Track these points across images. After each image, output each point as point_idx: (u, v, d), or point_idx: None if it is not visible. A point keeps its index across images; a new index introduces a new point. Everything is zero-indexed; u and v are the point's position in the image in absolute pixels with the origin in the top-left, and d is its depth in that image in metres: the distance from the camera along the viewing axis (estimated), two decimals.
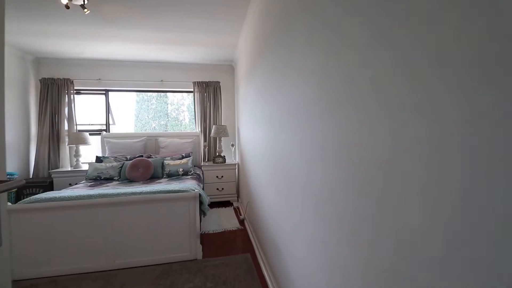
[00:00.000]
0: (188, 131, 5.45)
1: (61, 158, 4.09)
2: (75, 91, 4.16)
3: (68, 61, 4.11)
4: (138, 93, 6.27)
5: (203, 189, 3.62)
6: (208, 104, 4.49)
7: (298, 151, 1.27)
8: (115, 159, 3.65)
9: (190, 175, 3.45)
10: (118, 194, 2.23)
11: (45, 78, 4.01)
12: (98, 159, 3.63)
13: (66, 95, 4.08)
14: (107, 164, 3.42)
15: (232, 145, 4.34)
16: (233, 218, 3.32)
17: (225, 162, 4.11)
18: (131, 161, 3.39)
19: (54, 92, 4.03)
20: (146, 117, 7.49)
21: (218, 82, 4.52)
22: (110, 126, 4.49)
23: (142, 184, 3.04)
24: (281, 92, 1.53)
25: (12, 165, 3.61)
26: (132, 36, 3.20)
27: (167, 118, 7.79)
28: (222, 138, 4.30)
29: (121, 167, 3.41)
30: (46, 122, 3.99)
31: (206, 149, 4.39)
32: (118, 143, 3.96)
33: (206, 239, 2.70)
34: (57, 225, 2.08)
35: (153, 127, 7.62)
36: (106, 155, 3.93)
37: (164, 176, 3.43)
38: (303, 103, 1.17)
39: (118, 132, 4.39)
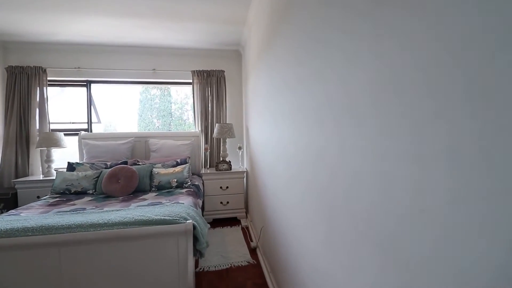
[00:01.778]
0: (192, 130, 4.70)
1: (30, 164, 3.35)
2: (48, 82, 3.42)
3: (40, 45, 3.37)
4: (142, 91, 5.66)
5: (202, 204, 2.84)
6: (210, 98, 3.72)
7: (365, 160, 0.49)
8: (92, 166, 2.90)
9: (185, 187, 2.68)
10: (69, 226, 1.47)
11: (12, 66, 3.28)
12: (70, 167, 2.88)
13: (38, 87, 3.35)
14: (80, 174, 2.66)
15: (240, 148, 3.55)
16: (241, 244, 2.53)
17: (230, 169, 3.33)
18: (109, 169, 2.63)
19: (23, 83, 3.30)
20: (150, 116, 7.10)
21: (222, 72, 3.74)
22: (94, 124, 3.75)
23: (121, 201, 2.27)
24: (325, 77, 0.76)
25: None
26: (112, 5, 2.44)
27: (171, 117, 7.38)
28: (227, 140, 3.53)
29: (98, 177, 2.65)
30: (13, 120, 3.26)
31: (208, 152, 3.62)
32: (98, 146, 3.21)
33: (205, 281, 1.93)
34: None
35: (157, 126, 7.12)
36: (83, 161, 3.18)
37: (153, 189, 2.66)
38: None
39: (98, 132, 3.63)
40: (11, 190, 2.98)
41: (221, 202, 3.22)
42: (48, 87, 3.41)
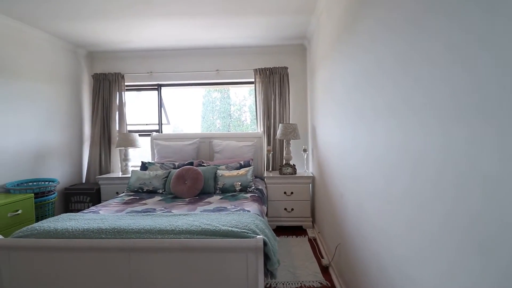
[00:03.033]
0: (250, 131, 4.62)
1: (111, 162, 3.69)
2: (126, 87, 3.72)
3: (118, 53, 3.69)
4: (204, 94, 5.93)
5: (266, 212, 2.64)
6: (272, 96, 3.52)
7: None
8: (162, 165, 2.99)
9: (250, 192, 2.52)
10: (139, 231, 1.42)
11: (97, 73, 3.67)
12: (144, 166, 3.03)
13: (117, 92, 3.66)
14: (151, 173, 2.76)
15: (305, 151, 3.25)
16: (310, 260, 2.24)
17: (295, 173, 3.07)
18: (177, 170, 2.65)
19: (105, 88, 3.65)
20: (211, 118, 7.60)
21: (286, 68, 3.50)
22: (164, 126, 3.95)
23: (187, 203, 2.24)
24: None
25: (62, 169, 3.31)
26: (179, 6, 2.44)
27: (230, 118, 7.70)
28: (291, 141, 3.27)
29: (167, 177, 2.70)
30: (98, 122, 3.63)
31: (270, 154, 3.42)
32: (167, 146, 3.32)
33: None
34: (50, 269, 1.37)
35: (218, 127, 7.43)
36: (155, 160, 3.34)
37: (217, 192, 2.58)
38: None
39: (167, 133, 3.79)
40: (96, 186, 3.30)
41: (285, 209, 2.97)
42: (125, 92, 3.71)
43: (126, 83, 3.71)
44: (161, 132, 3.85)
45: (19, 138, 2.72)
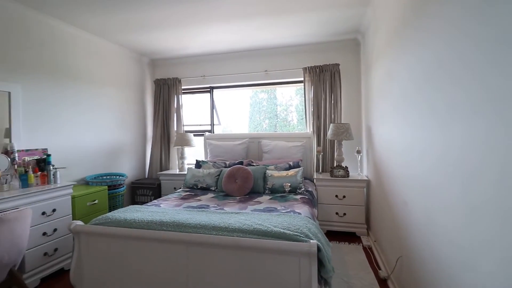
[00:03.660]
0: (296, 131, 4.54)
1: (170, 160, 4.01)
2: (182, 90, 4.00)
3: (175, 60, 4.00)
4: (251, 95, 6.06)
5: (317, 215, 2.55)
6: (322, 95, 3.38)
7: None
8: (214, 164, 3.13)
9: (299, 193, 2.47)
10: (195, 226, 1.50)
11: (158, 79, 4.02)
12: (198, 164, 3.22)
13: (175, 95, 3.96)
14: (205, 171, 2.91)
15: (358, 152, 3.05)
16: (366, 271, 2.08)
17: (348, 176, 2.90)
18: (228, 168, 2.74)
19: (165, 93, 3.99)
20: (258, 119, 7.73)
21: (337, 65, 3.34)
22: (215, 126, 4.14)
23: (238, 202, 2.29)
24: None
25: (129, 165, 3.72)
26: (235, 9, 2.51)
27: (276, 119, 7.71)
28: (343, 142, 3.10)
29: (219, 175, 2.82)
30: (159, 123, 3.99)
31: (320, 155, 3.30)
32: (219, 146, 3.47)
33: None
34: (119, 254, 1.54)
35: (264, 127, 7.54)
36: (208, 159, 3.52)
37: (266, 192, 2.59)
38: None
39: (218, 133, 3.96)
40: (157, 181, 3.62)
41: (337, 213, 2.83)
42: (182, 95, 3.98)
43: (182, 87, 3.99)
44: (213, 132, 4.04)
45: (96, 137, 3.14)
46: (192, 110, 4.25)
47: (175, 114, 3.98)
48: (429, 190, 1.25)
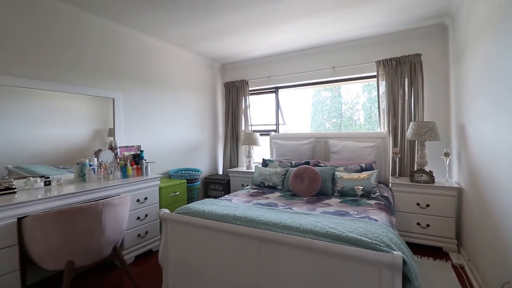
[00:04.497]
0: (363, 131, 4.22)
1: (238, 158, 4.23)
2: (249, 92, 4.16)
3: (243, 63, 4.18)
4: (314, 94, 5.91)
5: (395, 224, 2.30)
6: (400, 90, 3.04)
7: None
8: (280, 163, 3.16)
9: (373, 198, 2.27)
10: (266, 223, 1.54)
11: (227, 82, 4.27)
12: (264, 163, 3.29)
13: (243, 96, 4.14)
14: (271, 170, 2.96)
15: (447, 155, 2.63)
16: None
17: (433, 182, 2.53)
18: (295, 168, 2.72)
19: (233, 94, 4.21)
20: (321, 118, 7.44)
21: (418, 56, 2.94)
22: (280, 126, 4.17)
23: (306, 202, 2.25)
24: None
25: (203, 162, 4.07)
26: (299, 7, 2.48)
27: (341, 118, 7.25)
28: (427, 143, 2.72)
29: (285, 174, 2.83)
30: (229, 123, 4.24)
31: (397, 158, 2.97)
32: (284, 145, 3.48)
33: None
34: (198, 241, 1.69)
35: (327, 127, 7.23)
36: (273, 158, 3.57)
37: (335, 194, 2.47)
38: None
39: (284, 133, 3.97)
40: (226, 177, 3.86)
41: (418, 223, 2.51)
42: (249, 96, 4.14)
43: (249, 88, 4.15)
44: (278, 132, 4.08)
45: (177, 135, 3.54)
46: (258, 110, 4.38)
47: (242, 114, 4.17)
48: None
